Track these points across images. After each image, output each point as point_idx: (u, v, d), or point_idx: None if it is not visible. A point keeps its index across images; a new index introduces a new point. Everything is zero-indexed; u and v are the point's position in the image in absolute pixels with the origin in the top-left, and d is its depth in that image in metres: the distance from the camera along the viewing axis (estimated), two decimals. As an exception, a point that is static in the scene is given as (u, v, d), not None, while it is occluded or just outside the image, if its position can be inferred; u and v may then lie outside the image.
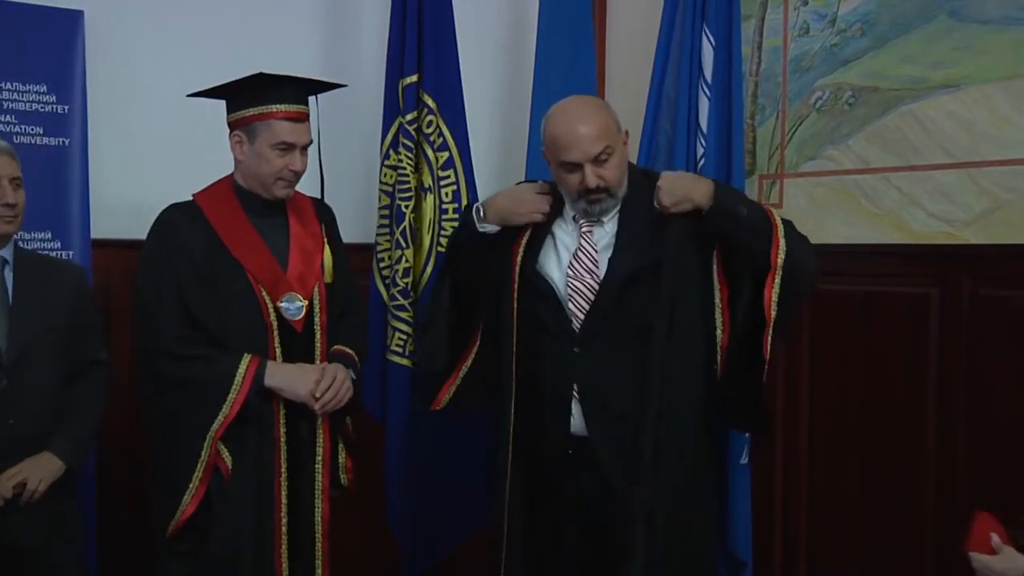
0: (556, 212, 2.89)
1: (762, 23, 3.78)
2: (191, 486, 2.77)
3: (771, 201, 3.73)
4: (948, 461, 3.30)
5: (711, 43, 3.42)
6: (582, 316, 2.77)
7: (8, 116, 3.26)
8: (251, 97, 2.85)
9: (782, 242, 2.69)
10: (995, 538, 2.37)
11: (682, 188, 2.72)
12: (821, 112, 3.62)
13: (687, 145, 3.41)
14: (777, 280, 2.67)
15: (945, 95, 3.30)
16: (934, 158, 3.33)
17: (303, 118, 2.89)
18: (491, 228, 2.89)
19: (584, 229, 2.83)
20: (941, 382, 3.31)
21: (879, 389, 3.45)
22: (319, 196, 3.10)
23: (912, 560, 3.37)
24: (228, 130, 2.92)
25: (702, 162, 3.39)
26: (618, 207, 2.81)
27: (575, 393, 2.75)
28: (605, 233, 2.81)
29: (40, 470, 2.80)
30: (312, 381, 2.82)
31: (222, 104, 2.93)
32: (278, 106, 2.83)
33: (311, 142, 2.92)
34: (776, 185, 3.73)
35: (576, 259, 2.81)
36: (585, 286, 2.78)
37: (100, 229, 3.43)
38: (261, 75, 2.83)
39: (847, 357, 3.53)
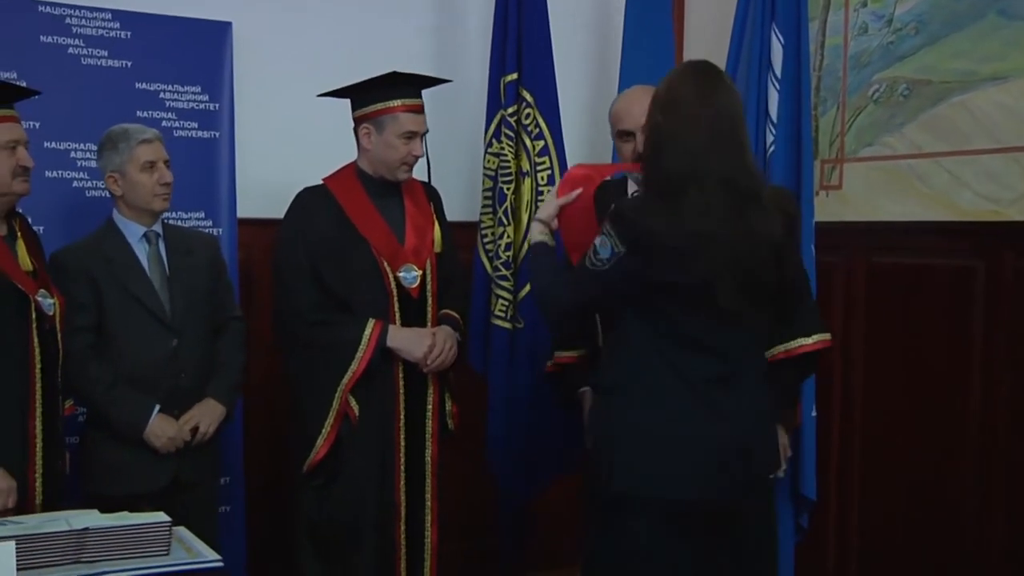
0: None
1: (825, 24, 3.97)
2: (324, 431, 3.10)
3: (831, 183, 3.94)
4: (990, 414, 3.46)
5: (780, 41, 3.60)
6: None
7: (170, 114, 3.61)
8: (377, 94, 3.14)
9: None
10: (573, 195, 2.71)
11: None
12: (878, 103, 3.81)
13: (756, 134, 3.61)
14: None
15: (993, 87, 3.46)
16: (982, 143, 3.49)
17: (421, 110, 3.19)
18: None
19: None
20: (985, 345, 3.46)
21: (928, 352, 3.61)
22: (427, 180, 3.38)
23: (954, 498, 3.57)
24: (354, 124, 3.20)
25: (772, 149, 3.59)
26: None
27: None
28: None
29: (209, 415, 3.12)
30: (426, 345, 3.13)
31: (346, 101, 3.23)
32: (400, 101, 3.14)
33: (427, 130, 3.21)
34: (836, 169, 3.93)
35: None
36: None
37: (244, 209, 3.75)
38: (392, 73, 3.12)
39: (900, 323, 3.70)
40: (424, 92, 3.27)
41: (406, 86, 3.17)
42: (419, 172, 3.36)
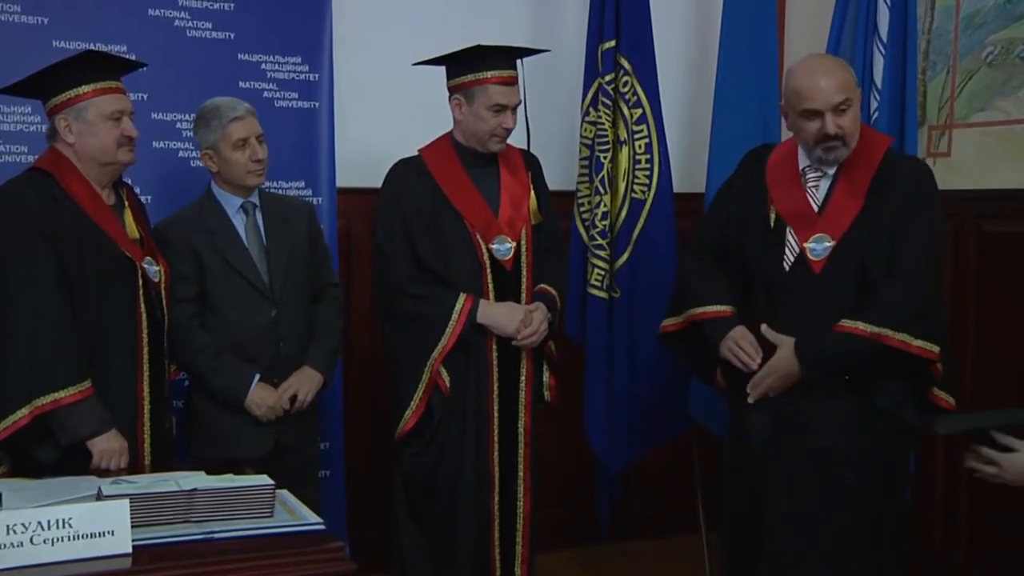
0: None
1: (936, -16, 3.86)
2: (413, 402, 3.14)
3: (939, 150, 3.84)
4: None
5: (887, 4, 3.52)
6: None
7: (271, 84, 3.65)
8: (468, 66, 3.13)
9: None
10: None
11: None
12: (992, 66, 3.69)
13: (862, 99, 3.59)
14: None
15: (1118, 47, 3.33)
16: (1106, 106, 3.37)
17: (513, 82, 3.16)
18: None
19: (810, 184, 2.90)
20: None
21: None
22: (526, 147, 3.37)
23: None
24: (448, 94, 3.21)
25: (875, 115, 3.52)
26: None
27: None
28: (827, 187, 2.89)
29: (307, 383, 3.15)
30: (517, 320, 3.13)
31: (444, 70, 3.22)
32: (491, 72, 3.12)
33: (520, 102, 3.19)
34: (945, 135, 3.83)
35: None
36: None
37: (344, 178, 3.77)
38: (477, 47, 3.12)
39: (1011, 292, 3.62)
40: (522, 60, 3.24)
41: (498, 57, 3.15)
42: (519, 140, 3.34)
